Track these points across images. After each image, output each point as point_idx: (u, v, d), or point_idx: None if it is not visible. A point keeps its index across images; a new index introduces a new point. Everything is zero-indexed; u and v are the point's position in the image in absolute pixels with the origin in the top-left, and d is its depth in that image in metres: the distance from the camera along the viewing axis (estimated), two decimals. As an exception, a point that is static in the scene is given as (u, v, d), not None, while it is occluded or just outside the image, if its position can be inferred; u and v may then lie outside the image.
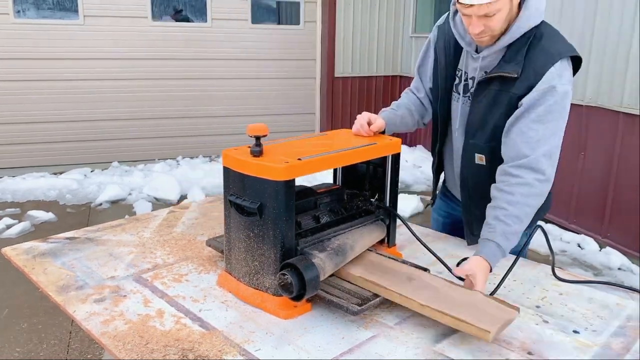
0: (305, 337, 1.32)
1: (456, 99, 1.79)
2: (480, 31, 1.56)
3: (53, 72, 5.69)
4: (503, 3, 1.51)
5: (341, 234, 1.55)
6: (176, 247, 1.82)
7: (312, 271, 1.33)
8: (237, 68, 6.45)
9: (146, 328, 1.33)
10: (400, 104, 1.94)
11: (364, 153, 1.59)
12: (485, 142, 1.69)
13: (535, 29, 1.60)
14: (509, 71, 1.58)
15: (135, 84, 6.05)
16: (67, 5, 5.76)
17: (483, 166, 1.72)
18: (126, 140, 6.14)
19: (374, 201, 1.73)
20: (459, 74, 1.77)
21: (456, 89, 1.79)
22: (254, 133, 1.41)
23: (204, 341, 1.28)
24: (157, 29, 6.02)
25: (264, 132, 1.41)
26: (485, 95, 1.66)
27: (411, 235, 1.66)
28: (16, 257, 1.73)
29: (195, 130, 6.39)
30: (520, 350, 1.26)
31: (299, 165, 1.37)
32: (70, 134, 5.90)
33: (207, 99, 6.40)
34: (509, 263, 1.58)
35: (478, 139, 1.70)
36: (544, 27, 1.62)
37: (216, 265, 1.68)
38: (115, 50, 5.87)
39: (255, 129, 1.41)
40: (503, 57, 1.62)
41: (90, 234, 1.92)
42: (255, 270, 1.43)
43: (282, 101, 6.78)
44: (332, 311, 1.42)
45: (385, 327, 1.36)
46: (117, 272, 1.63)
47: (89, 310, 1.41)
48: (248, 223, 1.41)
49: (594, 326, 1.38)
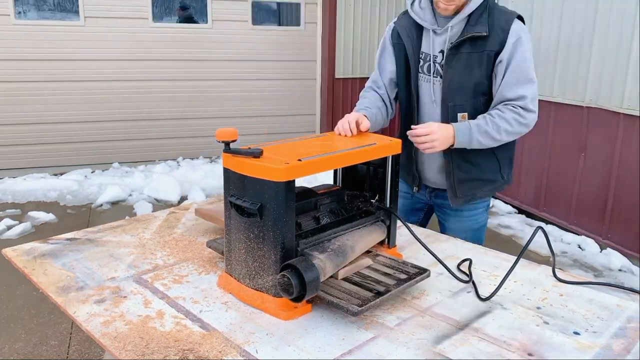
0: (305, 338, 1.32)
1: (425, 80, 2.00)
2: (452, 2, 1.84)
3: (53, 73, 5.70)
4: None
5: (341, 235, 1.55)
6: (176, 248, 1.82)
7: (313, 272, 1.33)
8: (237, 69, 6.45)
9: (146, 329, 1.33)
10: (370, 104, 2.05)
11: (364, 154, 1.59)
12: (466, 100, 1.93)
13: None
14: (479, 31, 1.85)
15: (136, 85, 6.05)
16: (67, 6, 5.76)
17: None
18: (127, 141, 6.14)
19: (374, 202, 1.73)
20: (422, 56, 2.00)
21: (422, 70, 2.00)
22: (223, 138, 1.40)
23: (205, 342, 1.28)
24: (157, 30, 6.02)
25: (233, 137, 1.40)
26: (457, 59, 1.90)
27: (411, 236, 1.66)
28: (16, 258, 1.73)
29: (196, 131, 6.39)
30: (520, 352, 1.26)
31: (299, 166, 1.37)
32: (70, 135, 5.91)
33: (208, 100, 6.41)
34: (509, 264, 1.59)
35: (458, 100, 1.93)
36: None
37: (216, 266, 1.68)
38: (116, 51, 5.88)
39: (224, 134, 1.40)
40: (467, 23, 1.89)
41: (90, 235, 1.92)
42: (256, 271, 1.43)
43: (283, 102, 6.79)
44: (332, 312, 1.42)
45: (386, 328, 1.36)
46: (117, 273, 1.63)
47: (90, 311, 1.41)
48: (248, 224, 1.41)
49: (594, 327, 1.38)
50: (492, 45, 1.86)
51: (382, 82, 2.12)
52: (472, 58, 1.89)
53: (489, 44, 1.86)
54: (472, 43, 1.87)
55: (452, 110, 1.94)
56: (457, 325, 1.38)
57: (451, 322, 1.39)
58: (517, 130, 1.89)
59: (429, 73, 1.98)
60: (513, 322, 1.39)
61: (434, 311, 1.43)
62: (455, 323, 1.38)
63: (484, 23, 1.86)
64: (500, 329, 1.36)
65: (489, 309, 1.45)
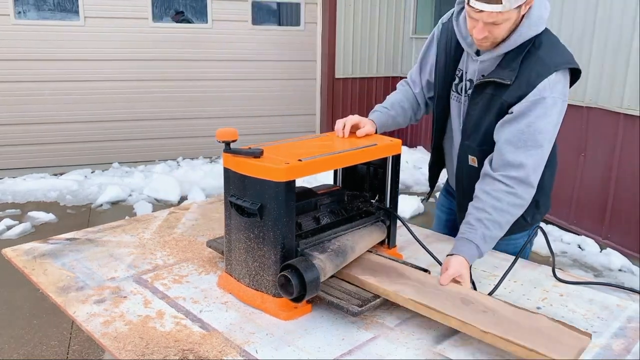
0: (305, 338, 1.32)
1: (456, 99, 1.80)
2: (484, 37, 1.56)
3: (53, 73, 5.69)
4: (512, 13, 1.51)
5: (341, 235, 1.55)
6: (176, 248, 1.82)
7: (313, 272, 1.33)
8: (237, 69, 6.45)
9: (146, 329, 1.33)
10: (394, 102, 1.92)
11: (364, 154, 1.59)
12: (477, 144, 1.70)
13: (535, 37, 1.59)
14: (503, 77, 1.59)
15: (136, 85, 6.05)
16: (67, 6, 5.76)
17: (475, 168, 1.74)
18: (126, 141, 6.14)
19: (375, 202, 1.73)
20: (459, 74, 1.77)
21: (455, 88, 1.79)
22: (223, 138, 1.38)
23: (204, 342, 1.28)
24: (157, 30, 6.02)
25: (234, 137, 1.39)
26: (481, 98, 1.67)
27: (411, 236, 1.66)
28: (16, 258, 1.73)
29: (196, 131, 6.39)
30: (520, 352, 1.26)
31: (299, 167, 1.37)
32: (70, 135, 5.90)
33: (208, 100, 6.41)
34: (508, 263, 1.59)
35: (472, 141, 1.72)
36: (545, 35, 1.61)
37: (216, 266, 1.68)
38: (116, 51, 5.87)
39: (224, 134, 1.38)
40: (499, 63, 1.63)
41: (90, 235, 1.92)
42: (256, 271, 1.43)
43: (283, 102, 6.78)
44: (332, 312, 1.42)
45: (386, 328, 1.36)
46: (117, 273, 1.63)
47: (89, 311, 1.41)
48: (248, 224, 1.41)
49: (594, 327, 1.38)
50: (511, 97, 1.58)
51: (419, 81, 1.93)
52: (493, 102, 1.63)
53: (508, 94, 1.59)
54: (495, 87, 1.62)
55: (466, 148, 1.75)
56: (457, 325, 1.37)
57: (451, 322, 1.39)
58: (517, 213, 1.60)
59: (462, 94, 1.76)
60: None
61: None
62: (455, 323, 1.38)
63: (514, 69, 1.58)
64: (500, 329, 1.35)
65: (489, 309, 1.45)
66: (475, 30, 1.56)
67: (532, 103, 1.54)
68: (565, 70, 1.58)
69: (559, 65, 1.56)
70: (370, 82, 7.00)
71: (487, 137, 1.66)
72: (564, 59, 1.59)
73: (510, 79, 1.57)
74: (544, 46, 1.59)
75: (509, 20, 1.53)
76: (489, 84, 1.63)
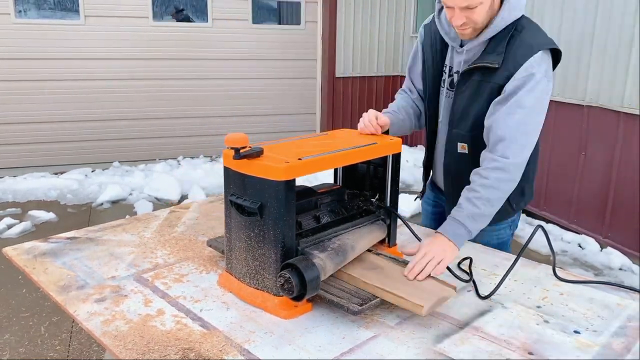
0: (305, 337, 1.32)
1: (445, 94, 1.85)
2: (462, 23, 1.63)
3: (54, 72, 5.70)
4: None
5: (342, 234, 1.55)
6: (177, 247, 1.82)
7: (313, 271, 1.33)
8: (237, 68, 6.45)
9: (147, 328, 1.33)
10: (399, 107, 1.96)
11: (364, 153, 1.59)
12: (467, 131, 1.75)
13: (516, 22, 1.66)
14: (491, 61, 1.65)
15: (136, 84, 6.05)
16: (68, 5, 5.76)
17: (465, 155, 1.79)
18: (127, 140, 6.14)
19: (375, 201, 1.73)
20: (445, 70, 1.84)
21: (443, 84, 1.85)
22: (233, 144, 1.35)
23: (205, 341, 1.28)
24: (158, 29, 6.02)
25: (244, 144, 1.35)
26: (467, 86, 1.72)
27: (412, 235, 1.66)
28: (17, 257, 1.73)
29: (196, 130, 6.40)
30: (521, 350, 1.26)
31: (299, 165, 1.37)
32: (71, 134, 5.91)
33: (208, 99, 6.41)
34: (509, 263, 1.59)
35: (461, 128, 1.77)
36: (524, 20, 1.68)
37: (217, 265, 1.68)
38: (116, 51, 5.88)
39: (234, 140, 1.35)
40: (485, 49, 1.69)
41: (91, 234, 1.92)
42: (256, 270, 1.43)
43: (283, 101, 6.78)
44: (332, 311, 1.42)
45: (386, 327, 1.37)
46: (117, 272, 1.63)
47: (90, 310, 1.41)
48: (248, 223, 1.41)
49: (594, 326, 1.38)
50: (501, 79, 1.64)
51: (413, 87, 1.98)
52: (482, 88, 1.68)
53: (497, 77, 1.64)
54: (483, 72, 1.67)
55: (454, 137, 1.80)
56: (458, 324, 1.38)
57: (451, 321, 1.39)
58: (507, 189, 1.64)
59: (451, 88, 1.81)
60: (513, 321, 1.39)
61: (434, 310, 1.43)
62: (455, 322, 1.39)
63: (500, 52, 1.64)
64: (501, 327, 1.36)
65: (489, 307, 1.46)
66: (454, 19, 1.63)
67: (522, 80, 1.60)
68: (547, 51, 1.64)
69: (542, 46, 1.63)
70: (371, 81, 7.00)
71: (477, 122, 1.71)
72: (546, 40, 1.66)
73: (498, 62, 1.64)
74: (526, 30, 1.66)
75: (484, 4, 1.59)
76: (476, 71, 1.69)
